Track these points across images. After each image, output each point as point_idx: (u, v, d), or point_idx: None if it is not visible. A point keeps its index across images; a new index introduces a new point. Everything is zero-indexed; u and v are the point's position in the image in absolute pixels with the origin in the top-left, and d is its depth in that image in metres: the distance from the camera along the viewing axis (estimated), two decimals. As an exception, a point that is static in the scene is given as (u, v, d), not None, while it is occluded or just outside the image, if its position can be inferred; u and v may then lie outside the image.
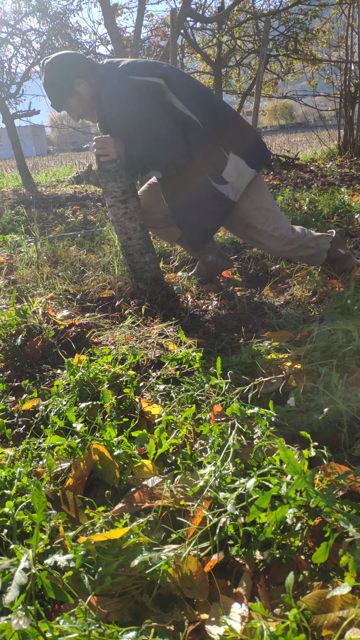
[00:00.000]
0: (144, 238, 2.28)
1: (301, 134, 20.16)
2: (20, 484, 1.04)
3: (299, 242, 2.19)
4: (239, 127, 2.08)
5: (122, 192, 2.18)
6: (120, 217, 2.22)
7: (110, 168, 2.13)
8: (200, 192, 2.07)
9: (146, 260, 2.31)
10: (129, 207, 2.21)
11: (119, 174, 2.14)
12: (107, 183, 2.17)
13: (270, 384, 1.39)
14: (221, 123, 2.04)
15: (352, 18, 8.87)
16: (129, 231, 2.25)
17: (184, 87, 2.01)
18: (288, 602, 0.70)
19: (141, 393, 1.43)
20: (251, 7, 10.22)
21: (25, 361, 1.74)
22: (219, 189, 2.05)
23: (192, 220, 2.14)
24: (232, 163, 2.03)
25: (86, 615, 0.75)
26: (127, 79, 1.98)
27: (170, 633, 0.77)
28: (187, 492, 1.01)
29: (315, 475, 0.91)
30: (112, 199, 2.20)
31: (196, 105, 2.00)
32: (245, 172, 2.04)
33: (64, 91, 2.09)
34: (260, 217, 2.12)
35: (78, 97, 2.10)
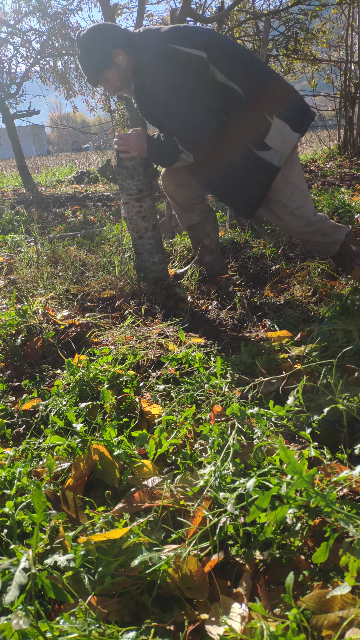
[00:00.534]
0: (154, 238, 2.29)
1: (301, 134, 20.17)
2: (20, 484, 1.04)
3: (319, 226, 2.16)
4: (281, 89, 2.04)
5: (138, 191, 2.18)
6: (133, 215, 2.23)
7: (129, 165, 2.13)
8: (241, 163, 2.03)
9: (155, 261, 2.32)
10: (143, 205, 2.21)
11: (137, 172, 2.15)
12: (124, 180, 2.17)
13: (270, 384, 1.39)
14: (263, 87, 2.00)
15: (352, 18, 8.87)
16: (140, 230, 2.25)
17: (225, 56, 1.96)
18: (288, 602, 0.70)
19: (141, 393, 1.43)
20: (251, 7, 10.21)
21: (25, 361, 1.74)
22: (262, 155, 2.00)
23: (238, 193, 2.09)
24: (276, 127, 1.98)
25: (86, 615, 0.75)
26: (169, 49, 1.92)
27: (170, 633, 0.77)
28: (187, 492, 1.01)
29: (315, 475, 0.91)
30: (128, 196, 2.20)
31: (237, 73, 1.96)
32: (289, 136, 2.00)
33: (102, 63, 2.02)
34: (286, 191, 2.09)
35: (117, 68, 2.04)
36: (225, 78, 1.95)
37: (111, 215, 4.93)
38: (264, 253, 2.81)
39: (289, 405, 1.23)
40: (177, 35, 1.95)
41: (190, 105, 1.95)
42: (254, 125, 1.99)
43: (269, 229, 3.43)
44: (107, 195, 6.89)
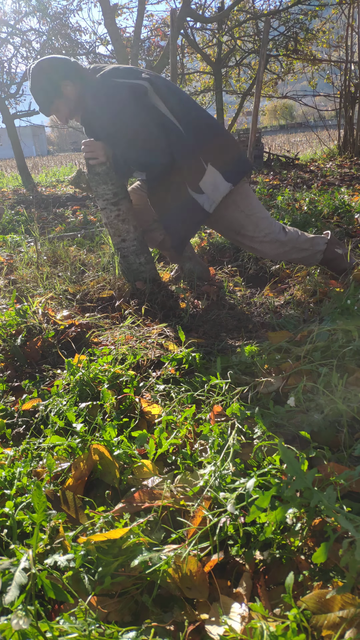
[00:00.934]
0: (137, 239, 2.28)
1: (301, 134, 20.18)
2: (20, 484, 1.04)
3: (292, 245, 2.19)
4: (220, 140, 2.09)
5: (114, 195, 2.18)
6: (113, 220, 2.22)
7: (100, 171, 2.13)
8: (178, 199, 2.09)
9: (141, 262, 2.31)
10: (121, 209, 2.21)
11: (109, 177, 2.15)
12: (98, 186, 2.17)
13: (270, 384, 1.39)
14: (202, 133, 2.05)
15: (352, 18, 8.87)
16: (122, 233, 2.25)
17: (169, 93, 2.03)
18: (288, 602, 0.70)
19: (141, 393, 1.43)
20: (251, 7, 10.22)
21: (25, 361, 1.74)
22: (196, 197, 2.07)
23: (172, 226, 2.16)
24: (210, 175, 2.04)
25: (86, 615, 0.75)
26: (110, 81, 2.00)
27: (170, 633, 0.77)
28: (187, 492, 1.01)
29: (315, 475, 0.91)
30: (104, 201, 2.20)
31: (180, 112, 2.01)
32: (221, 185, 2.04)
33: (51, 94, 2.10)
34: (250, 224, 2.14)
35: (65, 99, 2.11)
36: (168, 111, 2.00)
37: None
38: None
39: (289, 405, 1.23)
40: (121, 71, 2.03)
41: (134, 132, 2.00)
42: (190, 167, 2.04)
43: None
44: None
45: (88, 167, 2.18)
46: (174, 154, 2.02)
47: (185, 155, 2.03)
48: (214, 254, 3.02)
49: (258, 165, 8.77)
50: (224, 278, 2.58)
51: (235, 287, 2.47)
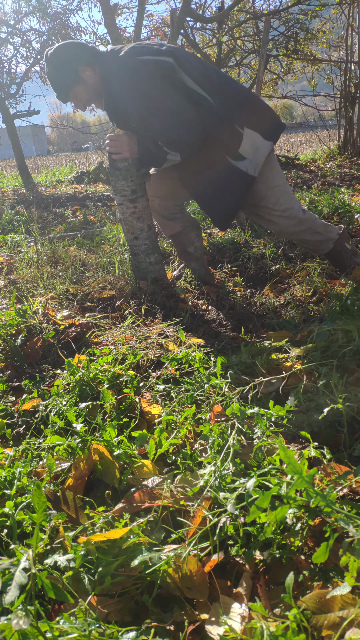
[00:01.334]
0: (150, 238, 2.28)
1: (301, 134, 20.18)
2: (20, 484, 1.04)
3: (309, 225, 2.18)
4: (250, 101, 2.08)
5: (132, 192, 2.18)
6: (128, 216, 2.23)
7: (122, 167, 2.13)
8: (219, 171, 2.06)
9: (151, 261, 2.32)
10: (137, 206, 2.21)
11: (130, 173, 2.15)
12: (117, 181, 2.17)
13: (270, 384, 1.39)
14: (232, 99, 2.03)
15: (352, 18, 8.87)
16: (136, 231, 2.25)
17: (192, 65, 1.99)
18: (288, 602, 0.70)
19: (141, 393, 1.43)
20: (251, 7, 10.21)
21: (25, 361, 1.74)
22: (238, 165, 2.03)
23: (214, 201, 2.11)
24: (248, 138, 2.01)
25: (86, 615, 0.75)
26: (135, 61, 1.95)
27: (170, 633, 0.77)
28: (187, 492, 1.01)
29: (315, 475, 0.91)
30: (122, 197, 2.20)
31: (206, 82, 1.98)
32: (262, 145, 2.03)
33: (69, 80, 2.06)
34: (272, 196, 2.12)
35: (84, 84, 2.08)
36: (194, 84, 1.98)
37: (111, 215, 4.93)
38: (264, 253, 2.81)
39: (289, 405, 1.23)
40: (142, 48, 2.00)
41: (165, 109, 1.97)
42: (227, 136, 2.02)
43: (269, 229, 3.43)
44: (107, 195, 6.89)
45: (110, 161, 2.17)
46: (207, 127, 2.00)
47: (218, 125, 2.00)
48: (214, 254, 3.02)
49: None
50: (224, 278, 2.58)
51: (235, 287, 2.47)
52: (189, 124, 1.98)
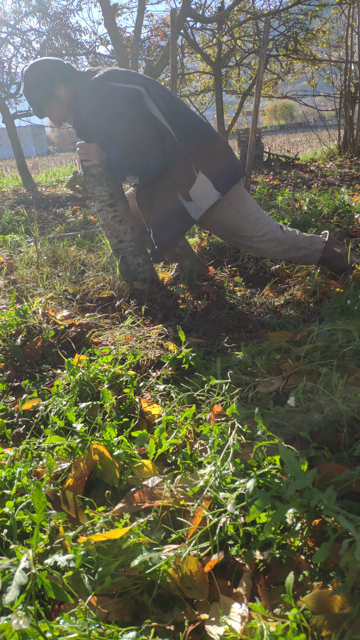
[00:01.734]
0: (135, 240, 2.28)
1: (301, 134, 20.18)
2: (20, 484, 1.04)
3: (291, 243, 2.18)
4: (213, 147, 2.09)
5: (110, 196, 2.18)
6: (110, 221, 2.22)
7: (96, 173, 2.13)
8: (167, 204, 2.09)
9: (139, 262, 2.32)
10: (118, 210, 2.21)
11: (105, 178, 2.15)
12: (94, 188, 2.17)
13: (270, 384, 1.39)
14: (194, 140, 2.05)
15: (352, 18, 8.87)
16: (119, 234, 2.25)
17: (163, 98, 2.03)
18: (288, 602, 0.70)
19: (141, 393, 1.43)
20: (251, 7, 10.21)
21: (25, 361, 1.74)
22: (184, 204, 2.07)
23: (156, 230, 2.16)
24: (199, 182, 2.03)
25: (86, 615, 0.75)
26: (105, 85, 1.99)
27: (170, 633, 0.77)
28: (187, 492, 1.01)
29: (315, 475, 0.91)
30: (100, 203, 2.20)
31: (173, 118, 2.01)
32: (210, 194, 2.04)
33: (43, 96, 2.10)
34: (248, 225, 2.14)
35: (58, 102, 2.11)
36: (162, 117, 2.00)
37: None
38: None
39: (289, 405, 1.23)
40: (115, 74, 2.03)
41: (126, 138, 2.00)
42: (181, 173, 2.04)
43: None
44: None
45: (83, 168, 2.18)
46: (168, 161, 2.03)
47: (177, 163, 2.03)
48: (214, 254, 3.02)
49: (258, 165, 8.77)
50: (224, 278, 2.58)
51: (235, 287, 2.47)
52: (151, 155, 2.01)
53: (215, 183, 2.04)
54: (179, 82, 10.32)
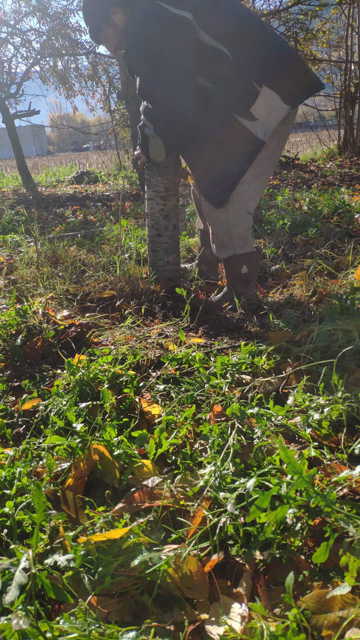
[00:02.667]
0: (173, 238, 2.29)
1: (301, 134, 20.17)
2: (20, 484, 1.04)
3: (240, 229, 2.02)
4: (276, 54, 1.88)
5: (165, 189, 2.19)
6: (156, 212, 2.24)
7: (160, 162, 2.14)
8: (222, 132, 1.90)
9: (169, 260, 2.33)
10: (167, 204, 2.22)
11: (167, 171, 2.16)
12: (152, 176, 2.19)
13: (270, 384, 1.39)
14: (254, 51, 1.86)
15: (352, 18, 8.87)
16: (160, 228, 2.26)
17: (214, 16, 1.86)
18: (288, 602, 0.70)
19: (141, 393, 1.43)
20: (251, 7, 10.21)
21: (25, 361, 1.74)
22: (246, 125, 1.85)
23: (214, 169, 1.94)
24: (264, 98, 1.83)
25: (86, 615, 0.75)
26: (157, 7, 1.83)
27: (170, 633, 0.77)
28: (187, 492, 1.01)
29: (315, 475, 0.91)
30: (153, 192, 2.21)
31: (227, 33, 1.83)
32: (278, 108, 1.84)
33: (100, 20, 2.03)
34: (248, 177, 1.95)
35: (114, 27, 2.03)
36: (212, 39, 1.83)
37: (111, 215, 4.93)
38: (264, 253, 2.81)
39: (289, 405, 1.23)
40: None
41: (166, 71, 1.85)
42: (240, 92, 1.85)
43: (269, 229, 3.43)
44: (107, 195, 6.89)
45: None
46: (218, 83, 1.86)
47: (232, 82, 1.84)
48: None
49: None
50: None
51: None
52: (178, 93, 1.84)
53: (284, 95, 1.83)
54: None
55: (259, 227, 3.47)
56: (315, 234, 3.13)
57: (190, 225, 3.74)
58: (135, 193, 6.62)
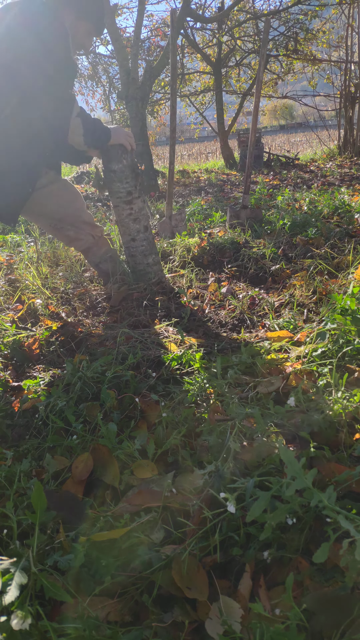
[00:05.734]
0: (147, 240, 2.28)
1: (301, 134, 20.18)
2: (20, 484, 1.04)
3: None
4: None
5: (127, 193, 2.18)
6: (124, 218, 2.22)
7: (117, 168, 2.13)
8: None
9: (149, 262, 2.32)
10: (133, 207, 2.21)
11: (125, 175, 2.15)
12: (112, 183, 2.18)
13: (270, 384, 1.39)
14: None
15: (352, 18, 8.87)
16: (132, 232, 2.25)
17: None
18: (288, 602, 0.70)
19: (141, 393, 1.43)
20: (251, 7, 10.21)
21: (25, 361, 1.74)
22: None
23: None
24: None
25: (86, 615, 0.75)
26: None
27: (170, 633, 0.77)
28: (187, 492, 1.01)
29: (315, 475, 0.91)
30: (117, 199, 2.20)
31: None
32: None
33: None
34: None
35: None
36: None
37: (111, 216, 4.93)
38: (264, 253, 2.81)
39: (289, 405, 1.23)
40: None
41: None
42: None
43: (269, 229, 3.43)
44: (107, 195, 6.89)
45: (104, 163, 2.18)
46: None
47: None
48: (214, 254, 3.02)
49: (258, 165, 8.76)
50: (224, 278, 2.58)
51: (236, 287, 2.47)
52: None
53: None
54: (179, 82, 10.32)
55: (259, 227, 3.46)
56: (315, 234, 3.13)
57: (190, 225, 3.74)
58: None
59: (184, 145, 21.45)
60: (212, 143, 19.77)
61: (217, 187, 6.95)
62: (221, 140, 10.34)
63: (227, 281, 2.53)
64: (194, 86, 11.94)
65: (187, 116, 12.75)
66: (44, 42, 1.81)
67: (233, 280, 2.56)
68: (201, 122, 12.15)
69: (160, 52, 9.06)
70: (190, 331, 1.93)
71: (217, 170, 9.79)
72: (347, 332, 1.50)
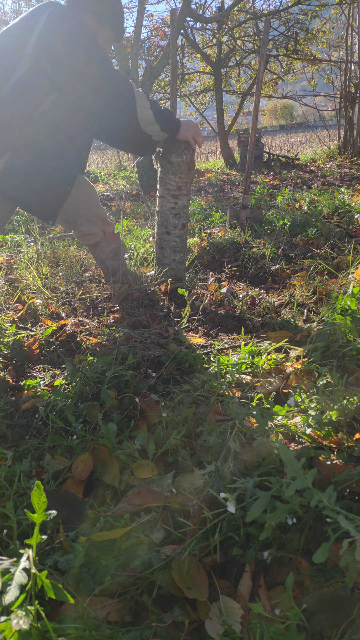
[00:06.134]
0: (181, 237, 2.31)
1: (301, 134, 20.18)
2: (20, 484, 1.04)
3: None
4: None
5: (177, 188, 2.21)
6: (166, 210, 2.25)
7: (174, 161, 2.16)
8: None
9: (175, 259, 2.34)
10: (177, 203, 2.24)
11: (181, 170, 2.18)
12: (166, 174, 2.20)
13: (270, 384, 1.39)
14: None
15: (352, 18, 8.87)
16: (169, 226, 2.27)
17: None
18: (288, 602, 0.70)
19: (141, 393, 1.43)
20: (251, 7, 10.22)
21: (25, 361, 1.74)
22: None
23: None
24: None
25: (86, 615, 0.75)
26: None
27: (170, 633, 0.77)
28: (187, 492, 1.01)
29: (315, 475, 0.91)
30: (165, 190, 2.23)
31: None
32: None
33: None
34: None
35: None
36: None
37: (111, 216, 4.93)
38: (264, 253, 2.81)
39: (289, 405, 1.23)
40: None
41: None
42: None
43: (269, 229, 3.43)
44: (107, 195, 6.89)
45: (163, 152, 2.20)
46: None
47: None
48: (214, 253, 3.02)
49: (258, 165, 8.77)
50: (224, 278, 2.58)
51: (236, 287, 2.47)
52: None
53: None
54: (179, 82, 10.32)
55: (259, 227, 3.47)
56: (315, 234, 3.13)
57: (190, 225, 3.74)
58: (135, 193, 6.62)
59: (184, 145, 21.34)
60: (212, 143, 19.77)
61: (217, 187, 6.95)
62: (221, 140, 10.35)
63: (227, 281, 2.53)
64: (194, 86, 11.95)
65: (187, 116, 12.75)
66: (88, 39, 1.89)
67: (233, 280, 2.56)
68: (201, 122, 12.15)
69: (160, 52, 9.06)
70: (190, 331, 1.93)
71: (217, 170, 9.79)
72: (347, 332, 1.50)
